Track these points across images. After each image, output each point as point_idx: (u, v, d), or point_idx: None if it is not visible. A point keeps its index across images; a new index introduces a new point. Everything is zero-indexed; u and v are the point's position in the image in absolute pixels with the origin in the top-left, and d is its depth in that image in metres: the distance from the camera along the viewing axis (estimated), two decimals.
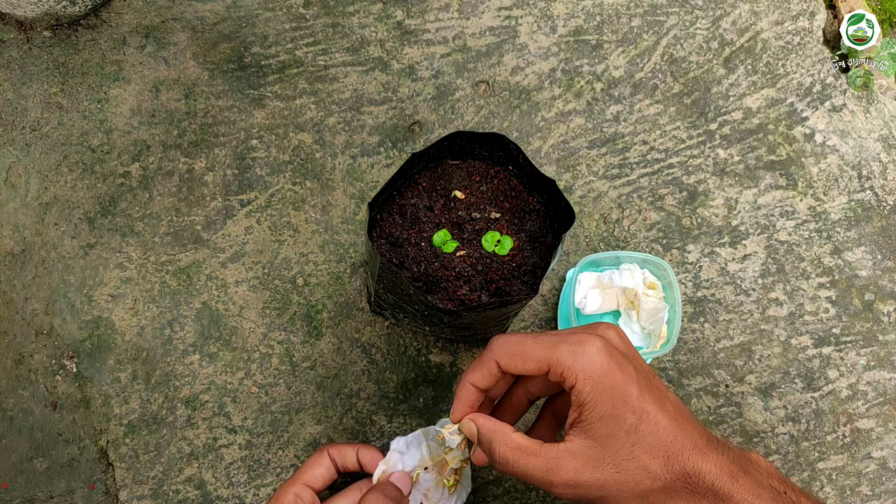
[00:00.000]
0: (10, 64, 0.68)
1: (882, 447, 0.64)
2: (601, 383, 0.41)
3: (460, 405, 0.46)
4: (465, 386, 0.46)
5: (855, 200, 0.69)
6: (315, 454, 0.55)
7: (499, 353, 0.44)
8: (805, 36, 0.73)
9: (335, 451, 0.55)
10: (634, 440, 0.41)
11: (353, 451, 0.55)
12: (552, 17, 0.72)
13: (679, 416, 0.42)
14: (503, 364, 0.44)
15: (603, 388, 0.41)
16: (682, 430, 0.41)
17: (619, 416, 0.41)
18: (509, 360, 0.44)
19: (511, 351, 0.44)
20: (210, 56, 0.70)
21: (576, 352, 0.42)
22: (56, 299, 0.64)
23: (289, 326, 0.65)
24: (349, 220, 0.67)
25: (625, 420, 0.41)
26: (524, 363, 0.43)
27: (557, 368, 0.42)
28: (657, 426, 0.41)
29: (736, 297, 0.67)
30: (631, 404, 0.41)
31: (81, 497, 0.61)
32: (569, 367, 0.41)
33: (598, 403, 0.41)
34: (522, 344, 0.43)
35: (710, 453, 0.41)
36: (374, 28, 0.71)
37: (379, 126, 0.69)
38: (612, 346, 0.43)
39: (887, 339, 0.66)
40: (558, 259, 0.60)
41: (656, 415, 0.41)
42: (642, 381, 0.42)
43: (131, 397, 0.63)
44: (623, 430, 0.41)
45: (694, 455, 0.41)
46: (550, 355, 0.42)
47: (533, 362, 0.43)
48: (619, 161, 0.69)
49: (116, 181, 0.67)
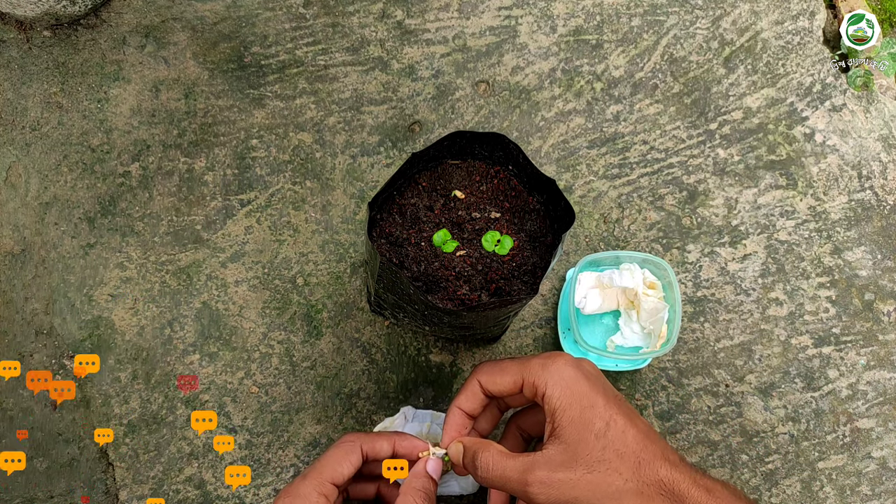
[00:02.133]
0: (10, 64, 0.68)
1: (882, 447, 0.64)
2: (569, 388, 0.44)
3: (449, 431, 0.50)
4: (453, 411, 0.50)
5: (855, 200, 0.69)
6: (343, 447, 0.49)
7: (479, 373, 0.49)
8: (805, 36, 0.73)
9: (369, 446, 0.49)
10: (604, 444, 0.43)
11: (389, 443, 0.50)
12: (552, 16, 0.72)
13: (650, 432, 0.45)
14: (483, 382, 0.48)
15: (571, 394, 0.44)
16: (651, 443, 0.44)
17: (587, 421, 0.44)
18: (489, 377, 0.48)
19: (490, 370, 0.48)
20: (210, 56, 0.70)
21: (546, 364, 0.46)
22: (56, 299, 0.64)
23: (289, 326, 0.65)
24: (349, 220, 0.67)
25: (593, 424, 0.43)
26: (502, 377, 0.47)
27: (529, 378, 0.46)
28: (626, 434, 0.43)
29: (736, 297, 0.67)
30: (598, 411, 0.44)
31: (81, 497, 0.61)
32: (539, 376, 0.45)
33: (568, 408, 0.44)
34: (500, 363, 0.48)
35: (683, 468, 0.43)
36: (374, 28, 0.71)
37: (379, 126, 0.69)
38: (581, 364, 0.47)
39: (887, 338, 0.66)
40: (558, 259, 0.60)
41: (624, 424, 0.44)
42: (609, 394, 0.46)
43: (131, 397, 0.63)
44: (592, 433, 0.43)
45: (666, 466, 0.43)
46: (523, 368, 0.47)
47: (509, 375, 0.47)
48: (619, 161, 0.69)
49: (116, 181, 0.67)
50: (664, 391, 0.65)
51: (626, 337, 0.62)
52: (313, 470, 0.48)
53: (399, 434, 0.51)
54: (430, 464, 0.50)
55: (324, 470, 0.47)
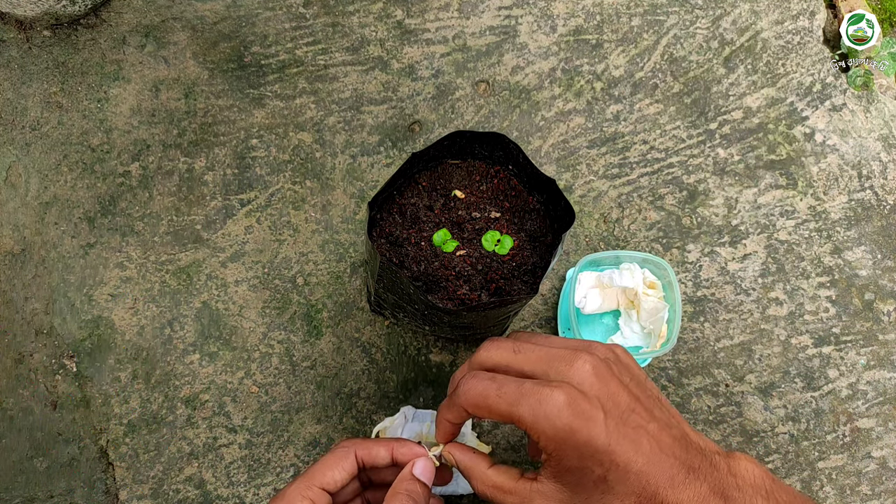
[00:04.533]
0: (9, 63, 0.68)
1: (882, 446, 0.64)
2: (565, 442, 0.41)
3: (441, 432, 0.47)
4: (442, 421, 0.47)
5: (855, 200, 0.69)
6: (336, 453, 0.47)
7: (465, 402, 0.44)
8: (805, 35, 0.73)
9: (364, 452, 0.48)
10: (604, 489, 0.41)
11: (387, 450, 0.48)
12: (552, 16, 0.72)
13: (657, 449, 0.42)
14: (470, 412, 0.45)
15: (567, 447, 0.41)
16: (657, 469, 0.41)
17: (585, 469, 0.41)
18: (475, 411, 0.44)
19: (475, 403, 0.44)
20: (210, 55, 0.70)
21: (536, 412, 0.41)
22: (56, 299, 0.64)
23: (289, 326, 0.65)
24: (349, 220, 0.67)
25: (592, 472, 0.41)
26: (489, 415, 0.44)
27: (521, 426, 0.42)
28: (627, 475, 0.41)
29: (736, 297, 0.67)
30: (598, 458, 0.41)
31: (81, 496, 0.61)
32: (530, 427, 0.41)
33: (563, 458, 0.41)
34: (486, 398, 0.43)
35: (688, 486, 0.41)
36: (374, 27, 0.71)
37: (379, 125, 0.69)
38: (580, 394, 0.42)
39: (887, 338, 0.66)
40: (558, 258, 0.60)
41: (626, 463, 0.41)
42: (612, 426, 0.41)
43: (131, 397, 0.63)
44: (591, 480, 0.41)
45: (668, 491, 0.40)
46: (512, 412, 0.42)
47: (497, 416, 0.43)
48: (619, 160, 0.69)
49: (116, 181, 0.67)
50: (664, 391, 0.65)
51: (626, 337, 0.62)
52: (304, 474, 0.47)
53: (398, 440, 0.49)
54: (418, 466, 0.47)
55: (314, 475, 0.46)
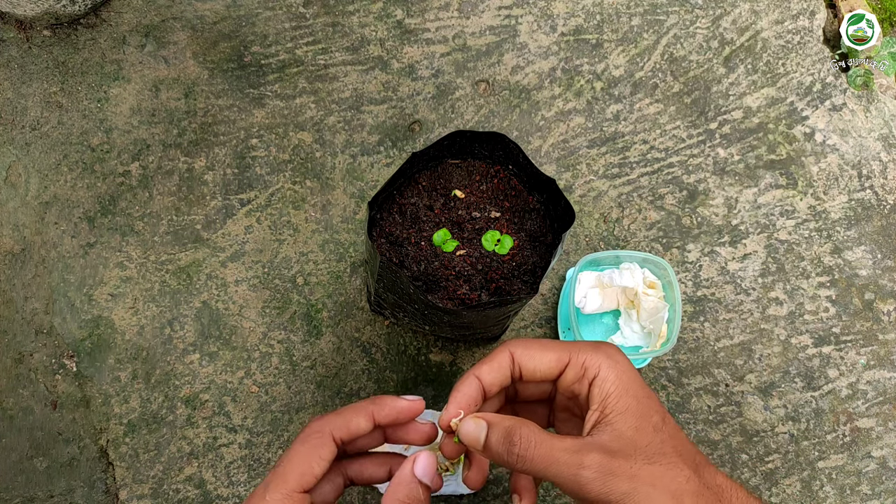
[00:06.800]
0: (9, 63, 0.68)
1: (882, 446, 0.64)
2: (625, 374, 0.39)
3: (458, 399, 0.41)
4: (469, 378, 0.41)
5: (855, 200, 0.69)
6: (308, 442, 0.40)
7: (515, 344, 0.41)
8: (805, 35, 0.73)
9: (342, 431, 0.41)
10: (663, 438, 0.38)
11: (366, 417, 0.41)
12: (552, 16, 0.72)
13: None
14: (518, 356, 0.40)
15: (627, 380, 0.39)
16: (698, 451, 0.40)
17: (644, 412, 0.38)
18: (526, 351, 0.40)
19: (528, 343, 0.40)
20: (210, 55, 0.70)
21: (598, 346, 0.40)
22: (56, 298, 0.64)
23: (289, 325, 0.65)
24: (349, 220, 0.67)
25: (650, 417, 0.39)
26: (542, 354, 0.40)
27: (579, 358, 0.40)
28: (680, 434, 0.39)
29: (736, 297, 0.67)
30: (654, 404, 0.39)
31: (81, 496, 0.61)
32: (591, 357, 0.39)
33: (623, 395, 0.39)
34: (539, 340, 0.41)
35: (732, 481, 0.40)
36: (373, 27, 0.71)
37: (379, 125, 0.69)
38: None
39: (887, 338, 0.66)
40: (558, 258, 0.60)
41: (676, 426, 0.39)
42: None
43: (131, 396, 0.63)
44: (650, 425, 0.38)
45: (721, 474, 0.39)
46: (571, 348, 0.40)
47: (552, 353, 0.40)
48: (619, 160, 0.69)
49: (116, 180, 0.67)
50: (664, 391, 0.65)
51: (626, 336, 0.62)
52: (276, 477, 0.39)
53: (373, 401, 0.42)
54: (419, 465, 0.40)
55: (288, 477, 0.39)
